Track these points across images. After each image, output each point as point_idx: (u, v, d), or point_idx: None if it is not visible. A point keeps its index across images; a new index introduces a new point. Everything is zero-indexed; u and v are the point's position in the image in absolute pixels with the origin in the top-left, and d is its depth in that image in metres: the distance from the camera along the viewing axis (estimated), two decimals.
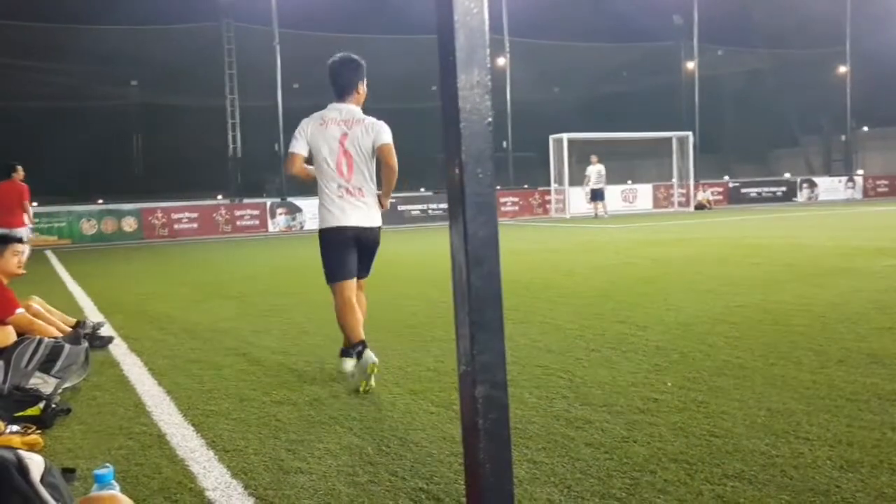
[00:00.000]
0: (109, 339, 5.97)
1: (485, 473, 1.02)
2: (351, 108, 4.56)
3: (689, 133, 28.51)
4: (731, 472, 2.89)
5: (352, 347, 4.46)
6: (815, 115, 41.33)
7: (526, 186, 28.12)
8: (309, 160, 4.63)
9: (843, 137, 36.56)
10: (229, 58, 25.10)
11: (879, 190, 32.51)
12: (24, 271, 5.17)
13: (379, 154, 4.51)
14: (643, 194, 28.48)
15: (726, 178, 32.49)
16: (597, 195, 24.20)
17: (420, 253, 13.64)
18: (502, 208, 25.84)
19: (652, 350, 4.98)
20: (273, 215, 22.70)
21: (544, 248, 13.85)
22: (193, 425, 3.76)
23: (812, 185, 31.68)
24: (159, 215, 21.45)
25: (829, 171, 37.53)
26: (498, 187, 26.02)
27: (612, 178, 25.38)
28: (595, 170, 24.22)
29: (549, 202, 26.73)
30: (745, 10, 35.56)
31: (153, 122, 30.36)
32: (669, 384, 4.12)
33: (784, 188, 31.26)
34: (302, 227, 22.74)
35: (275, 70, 24.17)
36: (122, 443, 3.56)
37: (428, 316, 6.64)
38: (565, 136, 25.75)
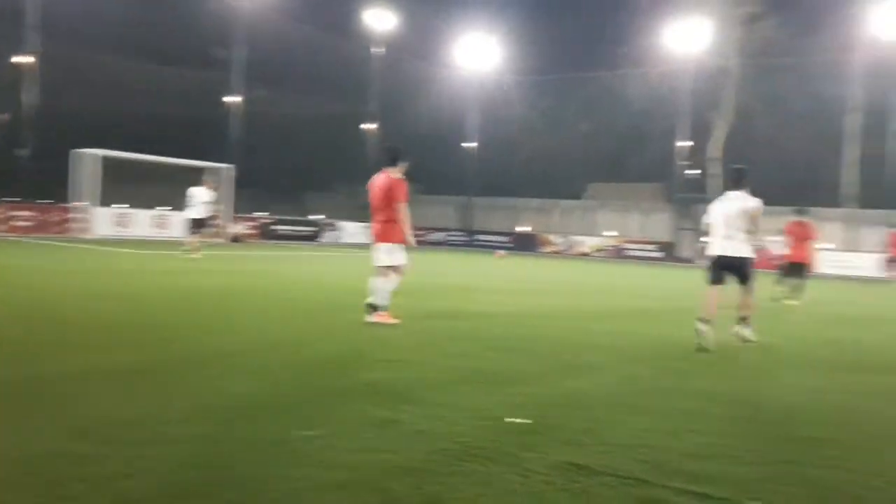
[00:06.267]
0: None
1: None
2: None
3: (231, 166, 28.72)
4: None
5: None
6: (346, 164, 45.17)
7: (48, 201, 25.40)
8: None
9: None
10: None
11: None
12: None
13: None
14: (177, 222, 27.69)
15: (261, 213, 33.46)
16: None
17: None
18: (14, 223, 22.92)
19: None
20: None
21: (71, 269, 12.70)
22: None
23: (337, 228, 34.36)
24: None
25: (355, 217, 41.20)
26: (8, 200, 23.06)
27: (147, 203, 24.28)
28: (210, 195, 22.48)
29: (70, 220, 24.38)
30: (290, 57, 37.43)
31: None
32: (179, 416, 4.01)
33: (313, 228, 33.36)
34: None
35: None
36: None
37: None
38: (100, 153, 24.02)
